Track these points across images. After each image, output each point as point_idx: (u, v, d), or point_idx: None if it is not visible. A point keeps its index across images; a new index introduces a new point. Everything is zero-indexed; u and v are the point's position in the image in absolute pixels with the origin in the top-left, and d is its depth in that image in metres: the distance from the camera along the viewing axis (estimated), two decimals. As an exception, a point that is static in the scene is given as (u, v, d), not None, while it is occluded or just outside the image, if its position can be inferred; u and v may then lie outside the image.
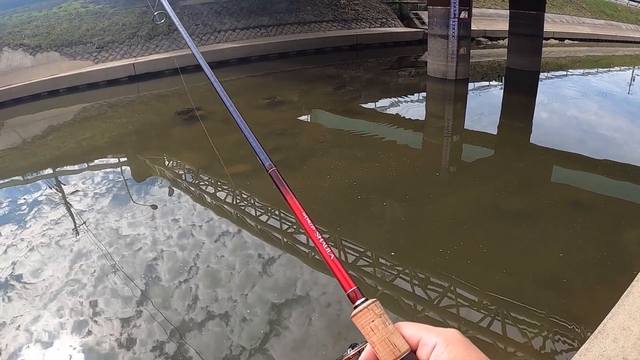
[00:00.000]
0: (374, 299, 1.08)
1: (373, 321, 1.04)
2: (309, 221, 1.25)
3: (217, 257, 8.20)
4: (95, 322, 6.74)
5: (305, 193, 9.85)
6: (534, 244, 8.18)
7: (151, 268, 7.95)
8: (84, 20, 23.59)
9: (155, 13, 2.47)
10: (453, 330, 0.99)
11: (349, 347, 1.11)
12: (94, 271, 7.87)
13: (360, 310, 1.06)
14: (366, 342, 1.06)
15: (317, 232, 1.23)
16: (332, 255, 1.19)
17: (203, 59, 1.76)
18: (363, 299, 1.09)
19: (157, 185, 11.45)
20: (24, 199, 11.00)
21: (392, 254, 7.97)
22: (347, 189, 10.07)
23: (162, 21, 2.47)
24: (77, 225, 9.51)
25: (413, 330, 1.02)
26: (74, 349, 6.28)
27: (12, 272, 8.00)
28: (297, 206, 1.28)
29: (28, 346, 6.33)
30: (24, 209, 10.42)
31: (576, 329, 6.26)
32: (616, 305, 4.89)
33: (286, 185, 1.34)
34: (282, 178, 1.36)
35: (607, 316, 4.72)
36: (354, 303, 1.10)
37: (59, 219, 9.88)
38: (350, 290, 1.13)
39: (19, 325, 6.70)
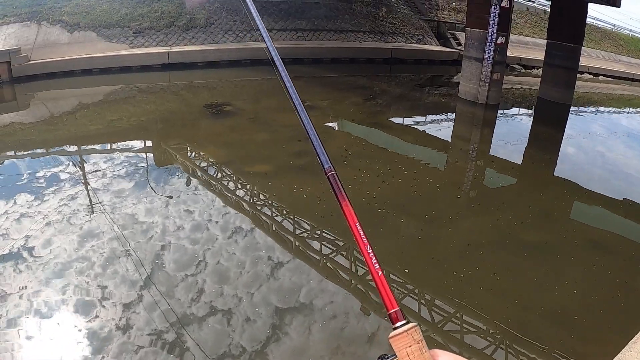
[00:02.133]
0: (415, 324, 1.06)
1: (410, 346, 1.03)
2: (362, 232, 1.19)
3: (229, 253, 8.19)
4: (103, 305, 6.77)
5: (325, 200, 9.83)
6: (548, 278, 8.10)
7: (159, 256, 7.98)
8: (123, 4, 23.80)
9: None
10: None
11: (379, 358, 1.09)
12: (104, 251, 7.90)
13: (400, 333, 1.05)
14: (395, 355, 1.05)
15: (369, 245, 1.18)
16: (380, 272, 1.16)
17: (275, 50, 1.69)
18: (404, 322, 1.08)
19: (177, 175, 11.48)
20: (45, 172, 11.08)
21: (406, 271, 7.93)
22: (366, 202, 10.03)
23: None
24: (93, 204, 9.57)
25: None
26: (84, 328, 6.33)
27: (24, 244, 8.06)
28: (352, 215, 1.21)
29: (32, 319, 6.38)
30: (42, 182, 10.49)
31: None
32: (623, 350, 4.82)
33: (343, 191, 1.27)
34: (340, 183, 1.29)
35: (613, 360, 4.66)
36: (394, 324, 1.09)
37: (76, 195, 9.93)
38: (393, 310, 1.11)
39: (23, 295, 6.76)
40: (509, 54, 21.82)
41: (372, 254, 1.17)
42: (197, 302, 6.90)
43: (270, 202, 10.29)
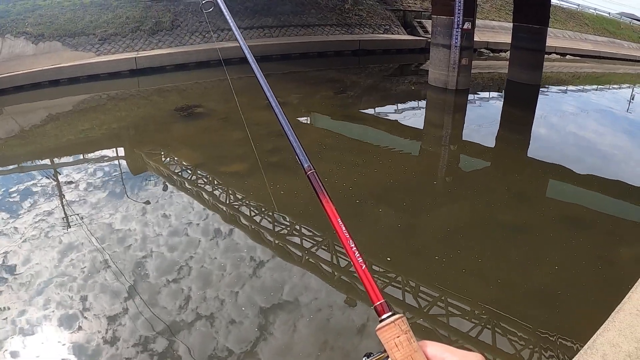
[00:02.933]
0: (401, 315, 1.06)
1: (398, 337, 1.02)
2: (344, 228, 1.20)
3: (210, 257, 8.15)
4: (85, 317, 6.71)
5: (302, 195, 9.83)
6: (529, 257, 8.19)
7: (141, 264, 7.91)
8: (87, 12, 23.56)
9: (202, 1, 2.44)
10: (478, 355, 0.98)
11: (364, 356, 1.09)
12: (85, 264, 7.80)
13: (387, 325, 1.04)
14: (381, 352, 1.05)
15: (351, 240, 1.19)
16: (364, 265, 1.16)
17: (248, 50, 1.72)
18: (390, 313, 1.08)
19: (153, 181, 11.38)
20: (18, 187, 10.92)
21: (388, 259, 7.96)
22: (343, 194, 10.05)
23: (210, 9, 2.44)
24: (69, 217, 9.44)
25: (437, 351, 1.01)
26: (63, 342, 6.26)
27: (2, 261, 7.94)
28: (333, 211, 1.23)
29: (14, 337, 6.29)
30: (17, 198, 10.35)
31: (566, 343, 6.26)
32: (607, 321, 4.87)
33: (323, 189, 1.28)
34: (320, 181, 1.31)
35: (597, 332, 4.70)
36: (380, 316, 1.08)
37: (52, 209, 9.79)
38: (378, 303, 1.10)
39: (6, 317, 6.66)
40: (476, 38, 21.95)
41: (354, 248, 1.18)
42: (184, 308, 6.86)
43: (247, 201, 10.25)
